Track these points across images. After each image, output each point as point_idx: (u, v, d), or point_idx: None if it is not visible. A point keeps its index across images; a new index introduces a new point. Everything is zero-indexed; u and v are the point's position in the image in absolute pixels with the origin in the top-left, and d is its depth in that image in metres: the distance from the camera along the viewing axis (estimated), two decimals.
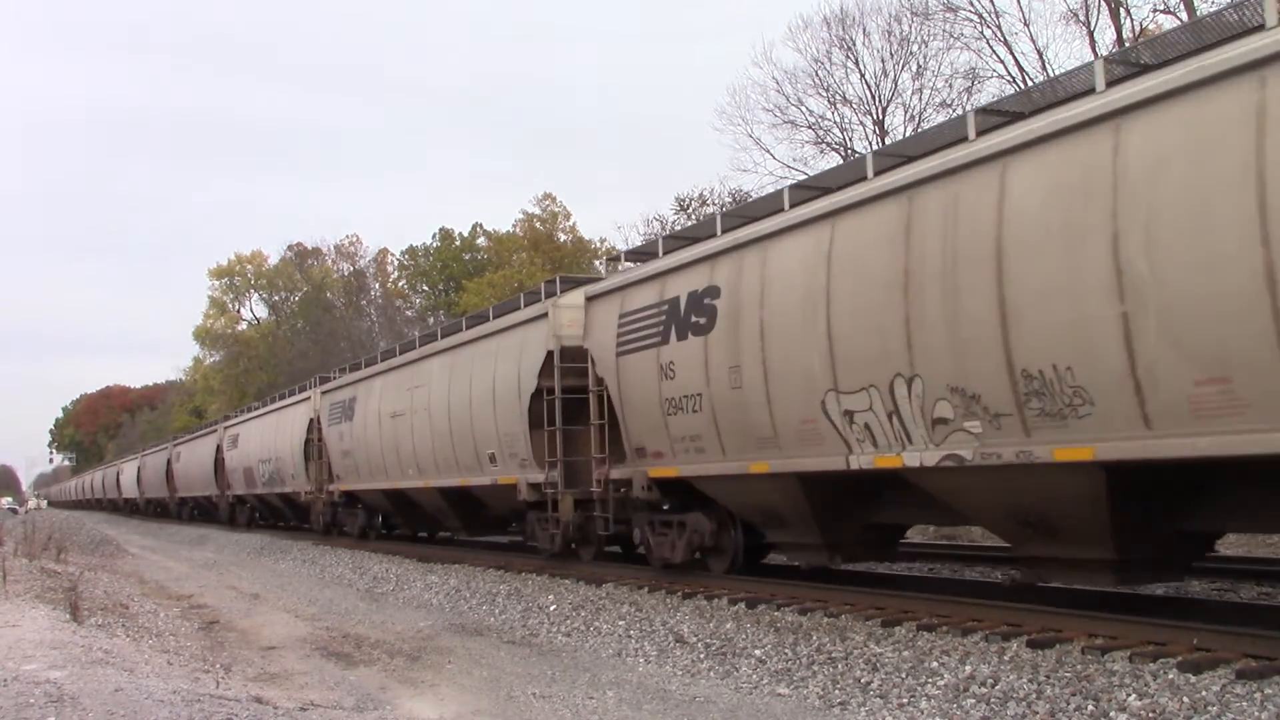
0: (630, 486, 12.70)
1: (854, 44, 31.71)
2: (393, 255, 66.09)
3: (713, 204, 35.34)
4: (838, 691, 7.73)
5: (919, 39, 30.74)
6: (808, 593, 10.66)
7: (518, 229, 54.24)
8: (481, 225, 61.76)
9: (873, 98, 31.93)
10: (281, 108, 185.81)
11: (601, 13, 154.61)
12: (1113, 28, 26.87)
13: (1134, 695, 6.45)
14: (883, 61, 31.50)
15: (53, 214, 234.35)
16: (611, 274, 14.30)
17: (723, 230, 11.43)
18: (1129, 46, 18.85)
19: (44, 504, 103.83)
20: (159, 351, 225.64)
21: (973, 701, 6.97)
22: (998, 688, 7.05)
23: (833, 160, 31.16)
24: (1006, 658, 7.58)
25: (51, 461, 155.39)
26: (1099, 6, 27.13)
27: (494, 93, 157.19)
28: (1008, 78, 28.16)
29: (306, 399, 25.74)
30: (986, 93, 28.63)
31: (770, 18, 78.65)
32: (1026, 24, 36.80)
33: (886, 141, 28.91)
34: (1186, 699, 6.25)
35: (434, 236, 63.00)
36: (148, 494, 49.76)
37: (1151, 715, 6.17)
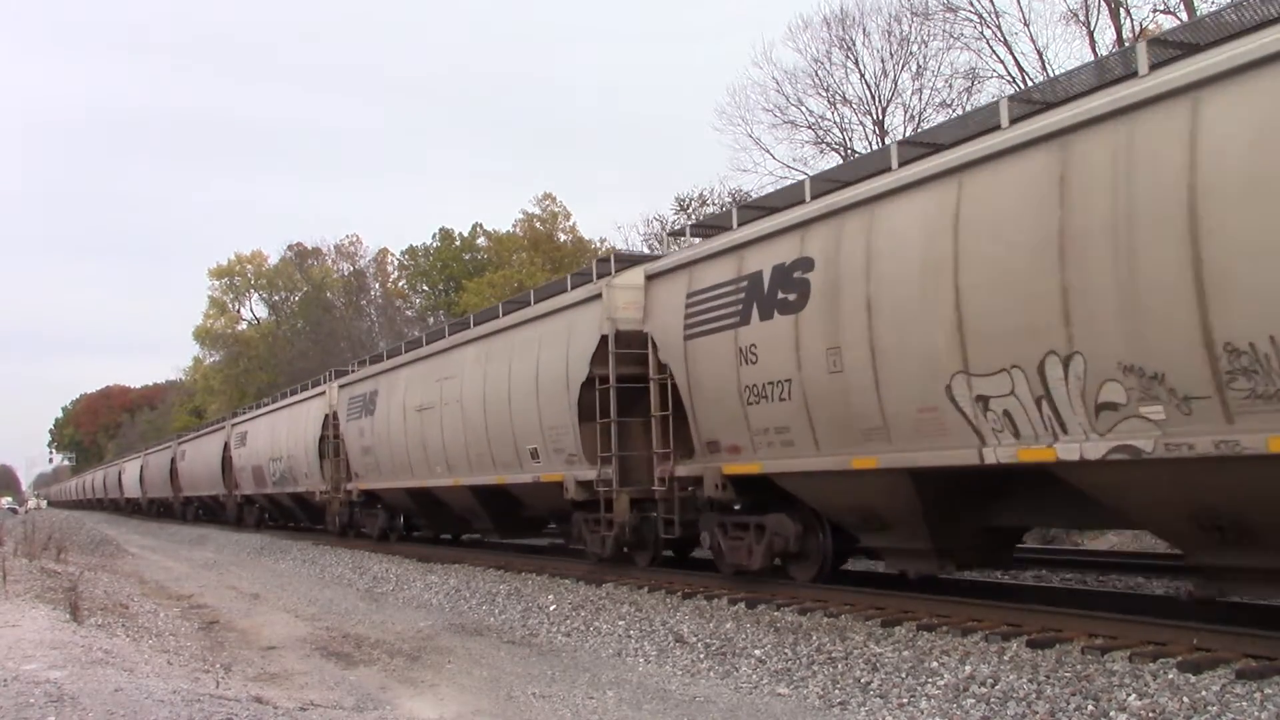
0: (699, 485, 11.52)
1: (854, 44, 31.67)
2: (393, 255, 66.12)
3: (713, 204, 35.32)
4: (838, 691, 7.73)
5: (919, 39, 30.71)
6: (808, 593, 10.65)
7: (518, 229, 54.24)
8: (481, 225, 61.78)
9: (873, 98, 31.90)
10: (281, 108, 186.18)
11: (601, 13, 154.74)
12: (1113, 28, 26.89)
13: (1134, 695, 6.46)
14: (883, 61, 31.48)
15: (53, 214, 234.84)
16: (675, 250, 12.91)
17: (812, 195, 10.14)
18: None
19: (44, 504, 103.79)
20: (159, 351, 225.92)
21: (973, 701, 6.97)
22: (998, 688, 7.05)
23: (833, 160, 31.16)
24: (1006, 658, 7.58)
25: (51, 461, 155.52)
26: (1099, 6, 27.11)
27: (494, 93, 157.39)
28: (1008, 78, 28.13)
29: (322, 393, 24.57)
30: (986, 93, 28.63)
31: (770, 18, 78.58)
32: (1026, 24, 36.70)
33: (886, 141, 28.88)
34: (1186, 699, 6.25)
35: (434, 236, 62.97)
36: (151, 494, 49.15)
37: (1151, 715, 6.17)
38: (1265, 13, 7.06)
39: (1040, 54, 30.82)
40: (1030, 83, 24.44)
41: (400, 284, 65.37)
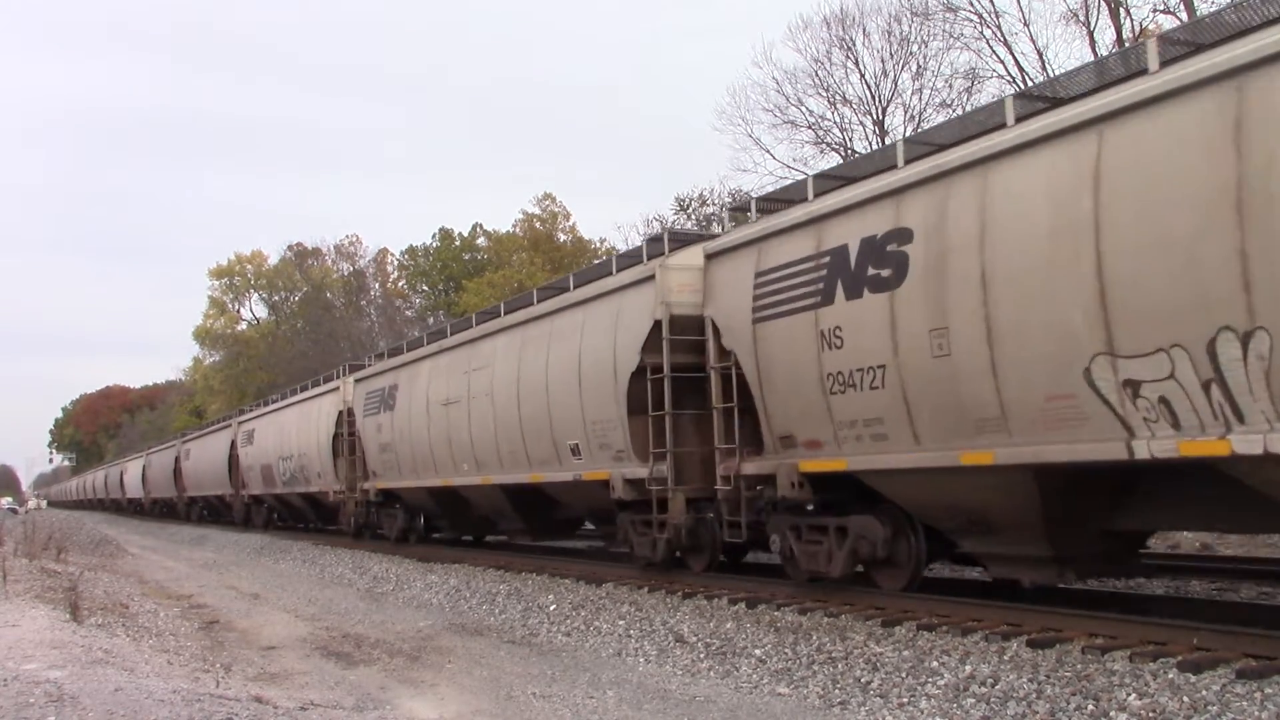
0: (769, 483, 10.55)
1: (854, 44, 31.76)
2: (393, 255, 66.26)
3: (713, 204, 35.34)
4: (838, 691, 7.73)
5: (919, 39, 30.80)
6: (808, 593, 10.65)
7: (518, 229, 54.37)
8: (481, 225, 61.91)
9: (873, 98, 31.98)
10: (281, 107, 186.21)
11: (602, 13, 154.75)
12: (1113, 28, 26.92)
13: (1134, 695, 6.46)
14: (883, 62, 31.55)
15: (53, 214, 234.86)
16: (736, 227, 11.80)
17: (906, 160, 9.17)
18: None
19: (44, 504, 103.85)
20: (159, 351, 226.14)
21: (973, 701, 6.97)
22: (998, 687, 7.05)
23: (833, 160, 31.18)
24: (1006, 657, 7.58)
25: (51, 461, 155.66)
26: (1099, 6, 27.18)
27: (494, 92, 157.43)
28: (1008, 78, 28.21)
29: (335, 389, 23.48)
30: (986, 93, 28.69)
31: (770, 18, 78.72)
32: (1026, 24, 36.73)
33: (886, 141, 28.90)
34: (1186, 699, 6.25)
35: (434, 236, 63.11)
36: (154, 494, 48.58)
37: (1151, 715, 6.17)
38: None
39: (1040, 54, 30.81)
40: (1030, 83, 24.44)
41: (400, 284, 65.48)
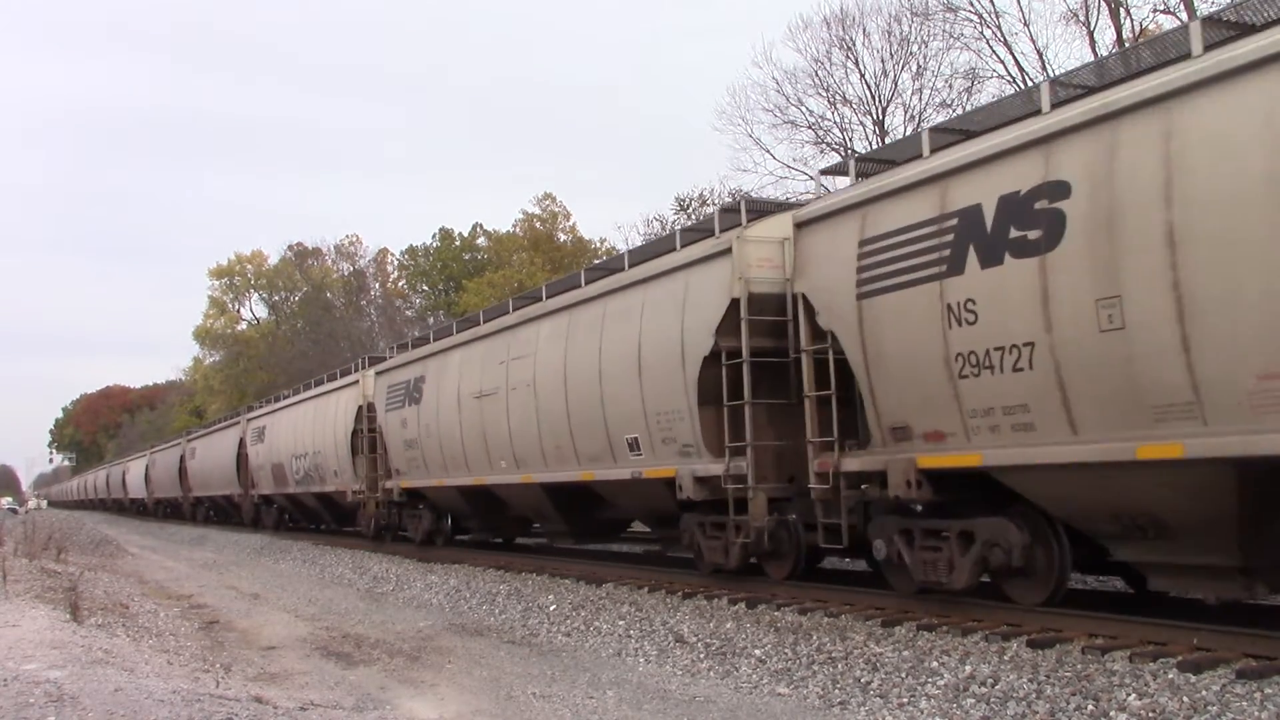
0: (875, 481, 9.42)
1: (854, 44, 31.74)
2: (393, 255, 66.34)
3: (712, 204, 35.32)
4: (838, 691, 7.73)
5: (919, 39, 30.78)
6: (808, 593, 10.65)
7: (518, 229, 54.39)
8: (481, 225, 62.01)
9: (873, 98, 31.96)
10: (281, 107, 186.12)
11: (602, 13, 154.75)
12: (1113, 28, 26.92)
13: (1134, 695, 6.46)
14: (883, 62, 31.53)
15: (53, 214, 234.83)
16: (830, 192, 10.61)
17: (1053, 104, 7.92)
18: None
19: (44, 504, 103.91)
20: (159, 351, 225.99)
21: (973, 701, 6.97)
22: (998, 687, 7.05)
23: (833, 160, 31.19)
24: (1006, 658, 7.59)
25: (51, 461, 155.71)
26: (1099, 6, 27.16)
27: (494, 92, 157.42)
28: (1008, 78, 28.20)
29: (354, 383, 22.35)
30: (986, 93, 28.67)
31: (770, 18, 78.68)
32: (1026, 24, 36.71)
33: (886, 141, 28.89)
34: (1186, 699, 6.26)
35: (434, 236, 63.23)
36: (158, 494, 47.63)
37: (1151, 715, 6.17)
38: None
39: (1040, 54, 30.80)
40: (1030, 83, 24.44)
41: (400, 284, 65.55)
